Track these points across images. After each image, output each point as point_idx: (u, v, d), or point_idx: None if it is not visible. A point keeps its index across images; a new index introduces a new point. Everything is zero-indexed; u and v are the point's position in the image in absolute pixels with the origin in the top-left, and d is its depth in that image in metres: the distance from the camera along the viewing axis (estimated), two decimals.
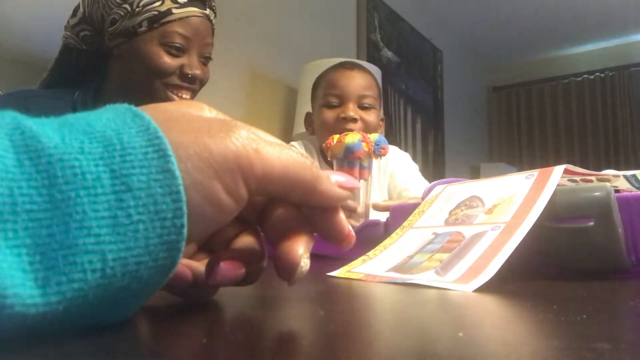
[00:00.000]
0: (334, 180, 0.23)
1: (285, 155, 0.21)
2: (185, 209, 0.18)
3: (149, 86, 0.83)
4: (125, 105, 0.20)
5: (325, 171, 0.24)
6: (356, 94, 1.14)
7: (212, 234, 0.26)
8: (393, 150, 1.29)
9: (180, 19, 0.82)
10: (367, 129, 1.14)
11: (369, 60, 2.41)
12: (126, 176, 0.17)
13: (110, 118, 0.18)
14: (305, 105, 1.93)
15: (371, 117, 1.15)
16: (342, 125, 1.11)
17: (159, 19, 0.81)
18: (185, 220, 0.18)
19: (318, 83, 1.24)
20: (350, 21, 2.64)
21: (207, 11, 0.87)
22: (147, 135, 0.18)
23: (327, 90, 1.17)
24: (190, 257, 0.26)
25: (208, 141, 0.19)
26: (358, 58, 2.51)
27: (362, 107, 1.15)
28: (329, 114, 1.15)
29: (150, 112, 0.19)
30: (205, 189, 0.19)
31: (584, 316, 0.21)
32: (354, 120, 1.12)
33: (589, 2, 3.32)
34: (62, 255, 0.15)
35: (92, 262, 0.16)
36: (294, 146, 1.26)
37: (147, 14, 0.80)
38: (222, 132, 0.20)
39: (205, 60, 0.89)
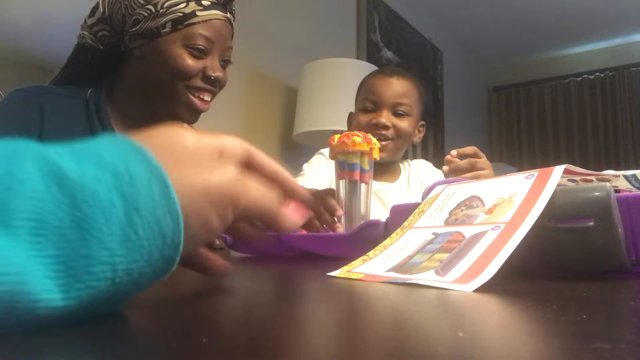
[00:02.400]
0: (288, 214, 0.29)
1: (263, 192, 0.27)
2: (182, 228, 0.21)
3: (171, 87, 0.83)
4: (126, 139, 0.22)
5: (287, 205, 0.30)
6: (391, 101, 1.15)
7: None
8: (418, 162, 1.31)
9: (204, 21, 0.82)
10: (400, 135, 1.15)
11: (369, 60, 2.41)
12: (135, 201, 0.20)
13: (116, 151, 0.21)
14: (305, 105, 1.94)
15: (404, 124, 1.16)
16: (373, 130, 1.12)
17: (183, 21, 0.81)
18: (182, 238, 0.21)
19: (360, 86, 1.26)
20: (350, 21, 2.64)
21: (228, 15, 0.87)
22: (150, 167, 0.21)
23: (364, 95, 1.19)
24: None
25: (208, 177, 0.24)
26: (358, 58, 2.51)
27: (397, 114, 1.16)
28: (363, 119, 1.17)
29: (155, 148, 0.22)
30: (203, 216, 0.23)
31: (584, 316, 0.21)
32: (386, 127, 1.13)
33: (589, 2, 3.32)
34: (81, 265, 0.18)
35: (105, 272, 0.19)
36: (322, 154, 1.26)
37: (172, 16, 0.80)
38: (219, 168, 0.25)
39: (225, 63, 0.89)
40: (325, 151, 1.27)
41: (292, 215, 0.30)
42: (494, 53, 4.20)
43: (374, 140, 0.70)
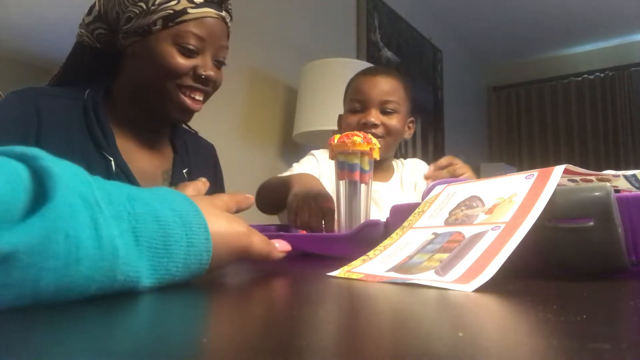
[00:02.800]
0: (276, 247, 0.42)
1: (261, 243, 0.40)
2: (210, 260, 0.34)
3: (162, 86, 0.82)
4: (183, 195, 0.35)
5: (272, 241, 0.42)
6: (378, 99, 1.16)
7: None
8: (412, 161, 1.31)
9: (196, 19, 0.81)
10: (390, 133, 1.16)
11: (369, 60, 2.41)
12: (192, 239, 0.32)
13: (180, 202, 0.34)
14: (305, 105, 1.94)
15: (393, 121, 1.16)
16: (363, 130, 1.13)
17: (174, 18, 0.79)
18: (208, 266, 0.34)
19: (347, 88, 1.27)
20: (350, 21, 2.64)
21: (223, 13, 0.85)
22: (200, 219, 0.34)
23: (352, 96, 1.20)
24: None
25: (230, 229, 0.37)
26: (358, 58, 2.51)
27: (385, 112, 1.16)
28: (352, 119, 1.18)
29: (202, 206, 0.35)
30: (218, 259, 0.35)
31: (584, 316, 0.21)
32: (375, 125, 1.14)
33: (589, 2, 3.32)
34: (162, 274, 0.31)
35: (169, 277, 0.31)
36: (313, 155, 1.26)
37: (163, 13, 0.79)
38: (236, 223, 0.38)
39: (219, 63, 0.87)
40: (317, 152, 1.27)
41: (278, 253, 0.42)
42: (494, 53, 4.20)
43: (374, 140, 0.70)
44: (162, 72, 0.81)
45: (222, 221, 0.37)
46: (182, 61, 0.81)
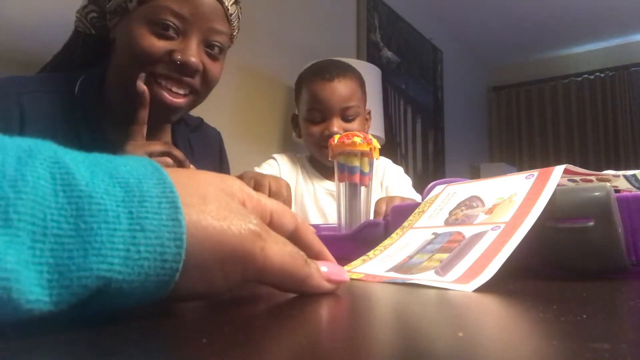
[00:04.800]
0: (323, 272, 0.27)
1: (285, 254, 0.24)
2: (184, 255, 0.20)
3: (133, 74, 0.66)
4: (148, 159, 0.22)
5: (317, 262, 0.27)
6: (338, 107, 1.12)
7: None
8: (388, 163, 1.28)
9: None
10: None
11: (369, 60, 2.41)
12: (142, 219, 0.20)
13: (133, 167, 0.21)
14: None
15: (355, 125, 1.14)
16: (327, 141, 1.11)
17: None
18: (180, 265, 0.20)
19: (300, 88, 1.20)
20: (350, 21, 2.64)
21: None
22: (163, 188, 0.21)
23: (309, 104, 1.15)
24: None
25: (226, 230, 0.22)
26: (358, 58, 2.51)
27: (346, 120, 1.13)
28: (314, 130, 1.14)
29: (190, 182, 0.23)
30: (205, 271, 0.22)
31: (584, 316, 0.21)
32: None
33: (589, 2, 3.32)
34: (77, 277, 0.18)
35: (99, 287, 0.19)
36: (274, 159, 1.23)
37: None
38: (239, 224, 0.23)
39: (211, 49, 0.71)
40: (278, 156, 1.25)
41: (324, 283, 0.27)
42: (494, 53, 4.20)
43: (374, 141, 0.70)
44: (133, 57, 0.67)
45: (212, 206, 0.22)
46: (154, 42, 0.66)
